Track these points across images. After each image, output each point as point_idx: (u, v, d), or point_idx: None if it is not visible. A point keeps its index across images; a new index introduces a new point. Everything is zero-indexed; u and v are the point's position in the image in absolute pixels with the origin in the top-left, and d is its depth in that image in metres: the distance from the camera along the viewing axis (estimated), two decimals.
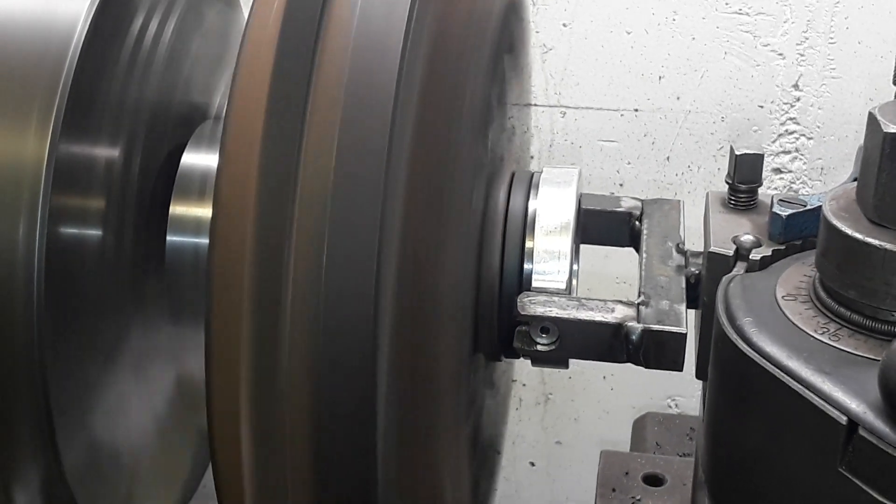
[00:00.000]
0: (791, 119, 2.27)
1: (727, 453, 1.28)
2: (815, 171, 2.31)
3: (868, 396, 1.10)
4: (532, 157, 2.32)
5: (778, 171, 2.31)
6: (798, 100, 2.26)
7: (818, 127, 2.27)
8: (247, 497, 1.23)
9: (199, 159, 1.54)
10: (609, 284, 2.39)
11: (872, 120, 1.17)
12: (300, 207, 1.16)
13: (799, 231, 1.36)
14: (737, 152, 1.42)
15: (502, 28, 1.45)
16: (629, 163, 2.35)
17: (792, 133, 2.28)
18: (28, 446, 1.35)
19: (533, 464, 2.66)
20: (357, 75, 1.19)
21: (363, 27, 1.20)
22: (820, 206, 1.26)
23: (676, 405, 2.54)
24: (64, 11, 1.37)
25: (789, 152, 2.30)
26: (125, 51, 1.45)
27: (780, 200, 1.37)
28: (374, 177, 1.16)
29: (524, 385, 2.55)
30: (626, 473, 1.86)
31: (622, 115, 2.32)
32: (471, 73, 1.32)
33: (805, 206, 1.36)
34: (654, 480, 1.84)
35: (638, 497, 1.82)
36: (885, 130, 1.15)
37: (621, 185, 2.37)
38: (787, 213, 1.36)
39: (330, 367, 1.17)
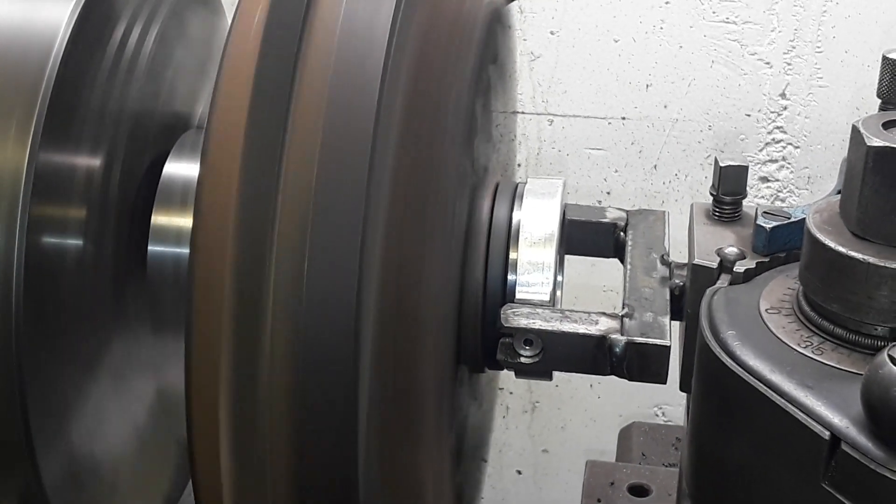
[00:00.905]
0: (778, 128, 2.27)
1: (710, 466, 1.28)
2: (802, 180, 2.30)
3: (851, 411, 1.10)
4: (519, 166, 2.31)
5: (765, 179, 2.31)
6: (785, 108, 2.26)
7: (805, 136, 2.27)
8: None
9: (182, 169, 1.53)
10: (596, 293, 2.38)
11: (856, 133, 1.16)
12: (281, 218, 1.15)
13: (783, 243, 1.35)
14: (721, 164, 1.42)
15: (487, 38, 1.44)
16: (616, 171, 2.35)
17: (779, 142, 2.28)
18: (6, 458, 1.34)
19: (519, 472, 2.65)
20: (339, 85, 1.18)
21: (346, 37, 1.19)
22: (804, 219, 1.25)
23: (664, 414, 2.53)
24: (45, 18, 1.36)
25: (776, 161, 2.30)
26: (107, 59, 1.44)
27: (765, 213, 1.37)
28: (356, 187, 1.15)
29: (511, 393, 2.55)
30: (612, 483, 1.86)
31: (609, 123, 2.32)
32: (455, 83, 1.32)
33: (789, 218, 1.36)
34: (639, 491, 1.84)
35: None
36: (868, 144, 1.14)
37: (608, 193, 2.36)
38: (771, 226, 1.35)
39: (311, 378, 1.16)
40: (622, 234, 1.57)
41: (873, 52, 2.18)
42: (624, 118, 2.31)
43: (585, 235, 1.59)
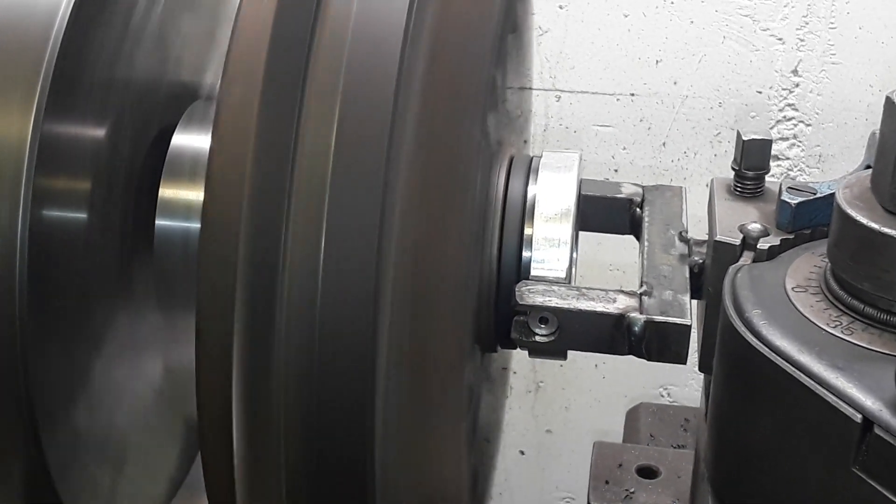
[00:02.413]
0: (790, 105, 2.24)
1: (733, 450, 1.25)
2: (813, 159, 2.28)
3: (884, 393, 1.07)
4: (526, 142, 2.28)
5: (775, 157, 2.28)
6: (797, 86, 2.23)
7: (817, 113, 2.24)
8: (237, 490, 1.19)
9: (190, 140, 1.50)
10: (602, 272, 2.36)
11: (890, 105, 1.13)
12: (297, 192, 1.12)
13: (808, 220, 1.32)
14: (744, 137, 1.38)
15: (507, 6, 1.41)
16: (625, 148, 2.32)
17: (790, 119, 2.25)
18: (9, 438, 1.31)
19: (523, 452, 2.63)
20: (358, 52, 1.14)
21: (365, 3, 1.16)
22: (831, 194, 1.22)
23: (669, 394, 2.51)
24: None
25: (787, 139, 2.27)
26: (113, 27, 1.41)
27: (789, 188, 1.34)
28: (374, 161, 1.12)
29: (515, 373, 2.52)
30: (620, 465, 1.83)
31: (618, 99, 2.29)
32: (476, 52, 1.29)
33: (815, 193, 1.33)
34: (647, 472, 1.81)
35: (631, 490, 1.79)
36: None
37: (616, 170, 2.33)
38: (796, 201, 1.32)
39: (327, 357, 1.13)
40: (638, 210, 1.54)
41: (887, 29, 2.15)
42: (633, 94, 2.28)
43: (600, 211, 1.56)
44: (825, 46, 2.19)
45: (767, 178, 1.43)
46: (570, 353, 1.40)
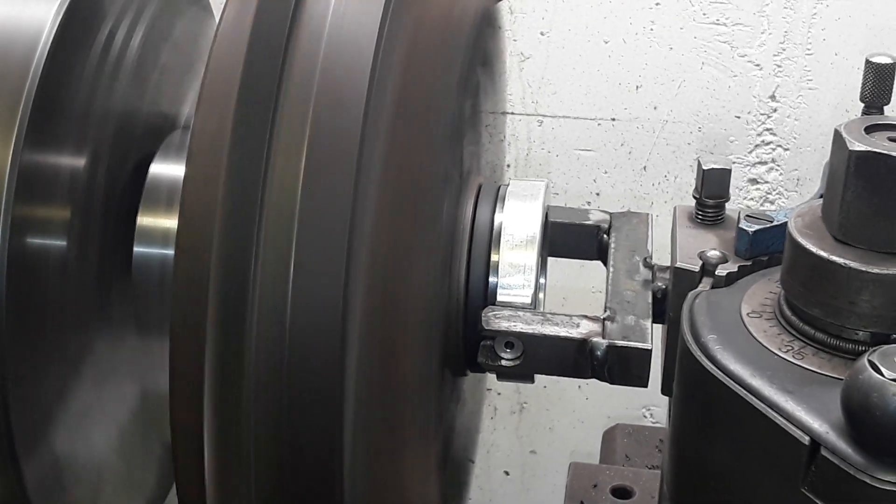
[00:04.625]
0: (768, 130, 2.27)
1: (691, 470, 1.28)
2: (791, 182, 2.30)
3: (831, 416, 1.10)
4: (508, 166, 2.31)
5: (754, 181, 2.31)
6: (775, 111, 2.25)
7: (794, 138, 2.27)
8: None
9: (168, 170, 1.52)
10: (584, 295, 2.38)
11: (838, 137, 1.16)
12: (267, 219, 1.15)
13: (765, 247, 1.35)
14: (704, 167, 1.41)
15: (476, 39, 1.44)
16: (606, 172, 2.35)
17: (768, 144, 2.28)
18: None
19: (507, 473, 2.65)
20: (327, 86, 1.17)
21: (334, 37, 1.19)
22: (786, 223, 1.25)
23: (651, 415, 2.53)
24: (30, 17, 1.36)
25: (765, 163, 2.29)
26: (92, 58, 1.43)
27: (747, 216, 1.37)
28: (343, 189, 1.14)
29: (499, 394, 2.55)
30: (595, 486, 1.85)
31: (599, 124, 2.32)
32: (443, 86, 1.31)
33: (771, 221, 1.36)
34: (622, 493, 1.84)
35: None
36: (850, 148, 1.14)
37: (597, 194, 2.36)
38: (753, 229, 1.35)
39: (295, 381, 1.15)
40: (605, 236, 1.57)
41: (862, 55, 2.15)
42: (613, 119, 2.31)
43: (568, 237, 1.58)
44: (802, 72, 2.22)
45: (736, 204, 1.46)
46: None
